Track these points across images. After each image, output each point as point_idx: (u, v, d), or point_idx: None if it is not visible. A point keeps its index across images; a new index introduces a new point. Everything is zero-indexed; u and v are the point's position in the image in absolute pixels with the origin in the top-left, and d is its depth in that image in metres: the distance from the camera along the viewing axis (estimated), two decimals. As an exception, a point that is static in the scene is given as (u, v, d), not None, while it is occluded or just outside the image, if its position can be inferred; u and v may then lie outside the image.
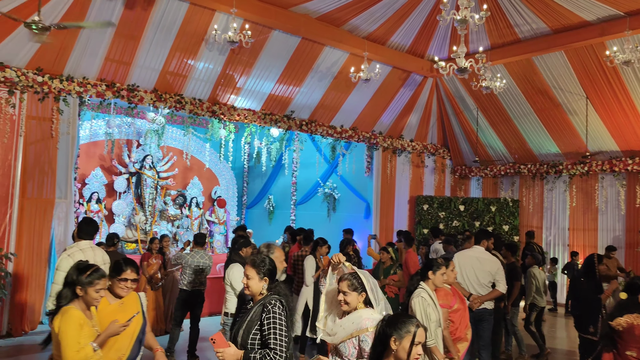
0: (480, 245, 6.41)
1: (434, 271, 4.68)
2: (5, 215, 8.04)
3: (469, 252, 6.37)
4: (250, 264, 3.43)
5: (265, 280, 3.38)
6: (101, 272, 3.50)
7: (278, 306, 3.25)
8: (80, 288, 3.38)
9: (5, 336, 7.97)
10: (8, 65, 7.99)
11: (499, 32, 10.89)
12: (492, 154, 14.31)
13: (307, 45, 10.49)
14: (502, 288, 6.20)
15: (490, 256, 6.39)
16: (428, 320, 4.37)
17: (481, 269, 6.17)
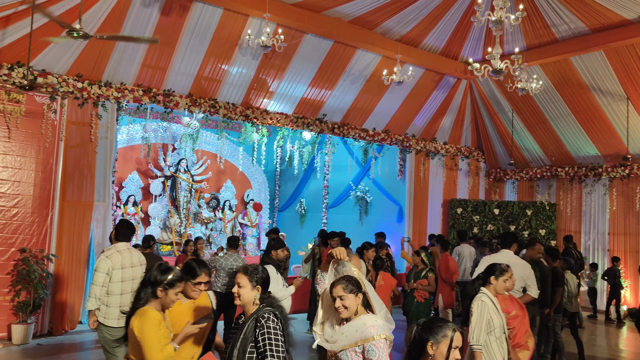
0: (509, 249, 6.23)
1: (496, 276, 4.46)
2: (46, 217, 8.29)
3: (497, 256, 6.16)
4: (242, 271, 3.23)
5: (258, 289, 3.18)
6: (181, 275, 3.54)
7: (272, 319, 3.05)
8: (161, 290, 3.42)
9: (47, 335, 8.21)
10: (50, 72, 8.25)
11: (535, 33, 10.69)
12: (527, 157, 14.04)
13: (339, 49, 10.50)
14: (533, 293, 5.98)
15: (519, 260, 6.17)
16: (488, 326, 4.19)
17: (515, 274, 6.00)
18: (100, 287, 5.23)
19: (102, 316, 5.28)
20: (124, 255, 5.41)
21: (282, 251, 5.80)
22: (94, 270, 5.35)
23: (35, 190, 8.22)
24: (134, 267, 5.51)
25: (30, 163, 8.20)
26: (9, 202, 7.99)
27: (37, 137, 8.25)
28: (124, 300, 5.39)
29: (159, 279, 3.43)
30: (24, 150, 8.14)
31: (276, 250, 5.80)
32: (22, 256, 7.89)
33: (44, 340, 7.94)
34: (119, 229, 5.59)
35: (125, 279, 5.39)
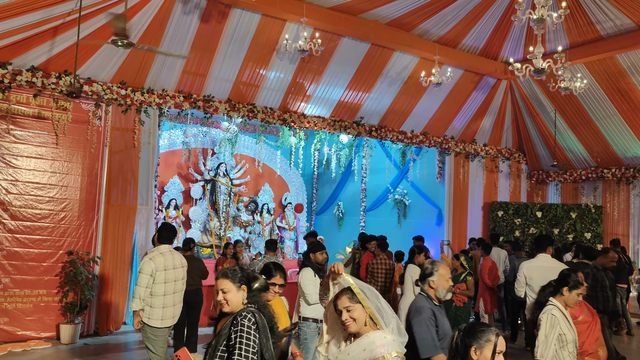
0: (545, 253, 6.05)
1: (570, 288, 4.12)
2: (92, 221, 8.56)
3: (534, 262, 6.01)
4: (222, 276, 3.07)
5: (244, 288, 3.05)
6: (266, 284, 3.63)
7: (249, 318, 2.88)
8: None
9: (93, 335, 8.47)
10: (95, 80, 8.52)
11: (578, 30, 10.40)
12: (571, 158, 13.66)
13: (376, 51, 10.48)
14: None
15: (557, 263, 5.98)
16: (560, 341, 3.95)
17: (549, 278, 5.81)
18: (144, 288, 5.38)
19: (146, 317, 5.42)
20: (166, 257, 5.56)
21: (320, 254, 5.73)
22: (138, 272, 5.50)
23: (82, 194, 8.49)
24: (176, 269, 5.65)
25: (77, 168, 8.48)
26: (57, 206, 8.28)
27: (83, 143, 8.53)
28: (167, 301, 5.52)
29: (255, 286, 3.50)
30: (70, 155, 8.43)
31: (315, 253, 5.74)
32: (69, 258, 8.16)
33: (91, 340, 8.19)
34: (161, 231, 5.74)
35: (168, 280, 5.53)
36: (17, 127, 8.04)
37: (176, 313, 5.65)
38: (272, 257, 7.57)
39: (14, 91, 7.93)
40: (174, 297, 5.61)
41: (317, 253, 5.72)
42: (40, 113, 8.16)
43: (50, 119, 8.24)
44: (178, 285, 5.69)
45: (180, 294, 5.74)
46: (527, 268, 5.96)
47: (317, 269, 5.65)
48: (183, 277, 5.79)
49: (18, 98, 8.00)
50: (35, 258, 8.02)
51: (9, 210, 7.91)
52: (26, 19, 7.04)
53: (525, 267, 5.98)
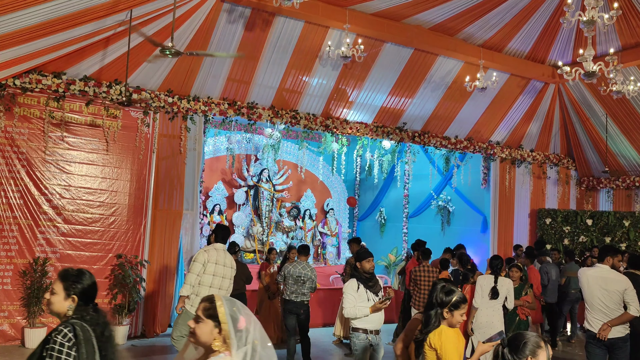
0: (604, 263, 5.81)
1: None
2: (140, 225, 8.79)
3: (591, 271, 5.79)
4: (59, 276, 2.80)
5: (74, 299, 2.74)
6: (464, 296, 3.74)
7: (64, 334, 2.56)
8: (447, 311, 3.66)
9: (140, 336, 8.68)
10: (143, 89, 8.78)
11: (631, 32, 10.01)
12: (624, 164, 13.13)
13: (419, 56, 10.39)
14: (632, 311, 5.44)
15: (617, 274, 5.71)
16: None
17: (608, 289, 5.53)
18: (195, 275, 5.80)
19: (189, 304, 5.78)
20: (219, 254, 5.93)
21: (367, 262, 5.37)
22: (192, 260, 5.90)
23: (130, 199, 8.75)
24: (226, 266, 5.96)
25: (126, 174, 8.74)
26: (107, 211, 8.55)
27: (132, 150, 8.79)
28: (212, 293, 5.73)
29: (444, 301, 3.66)
30: (120, 162, 8.70)
31: (361, 261, 5.38)
32: (118, 262, 8.41)
33: (138, 342, 8.39)
34: (217, 231, 6.15)
35: (216, 273, 5.83)
36: (70, 135, 8.36)
37: None
38: (303, 261, 7.47)
39: (67, 100, 8.26)
40: (219, 293, 5.77)
41: (364, 261, 5.37)
42: (92, 121, 8.47)
43: (101, 127, 8.53)
44: (225, 282, 5.90)
45: (224, 293, 5.89)
46: (582, 275, 5.80)
47: (365, 279, 5.32)
48: (231, 278, 6.02)
49: (71, 106, 8.33)
50: (86, 261, 8.29)
51: (63, 214, 8.22)
52: (79, 30, 7.31)
53: (581, 274, 5.84)
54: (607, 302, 5.51)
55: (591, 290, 5.61)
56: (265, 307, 8.88)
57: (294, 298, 7.24)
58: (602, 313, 5.51)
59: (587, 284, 5.65)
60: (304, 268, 7.37)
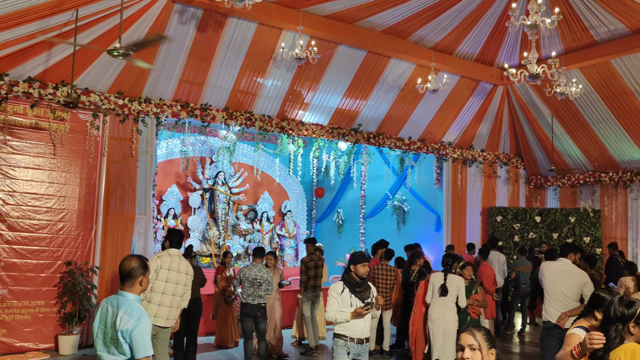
0: (567, 258, 6.07)
1: None
2: (91, 230, 8.53)
3: (556, 264, 6.06)
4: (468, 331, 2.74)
5: (492, 352, 2.70)
6: None
7: None
8: (633, 325, 3.19)
9: (92, 345, 8.39)
10: (92, 91, 8.52)
11: (572, 36, 10.41)
12: (569, 163, 13.63)
13: (373, 59, 10.49)
14: None
15: (578, 269, 6.09)
16: None
17: (570, 282, 5.85)
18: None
19: None
20: (173, 259, 5.76)
21: (362, 266, 4.98)
22: None
23: (80, 204, 8.47)
24: (180, 272, 5.79)
25: (75, 178, 8.46)
26: (55, 217, 8.26)
27: (81, 153, 8.52)
28: (165, 300, 5.65)
29: (627, 314, 3.20)
30: (68, 166, 8.41)
31: (355, 265, 5.00)
32: (67, 269, 8.12)
33: (89, 351, 8.13)
34: (171, 237, 5.97)
35: (170, 280, 5.66)
36: (14, 138, 8.03)
37: (170, 316, 5.69)
38: (258, 264, 7.36)
39: (10, 102, 7.93)
40: (172, 299, 5.67)
41: (359, 265, 4.98)
42: (37, 124, 8.15)
43: (47, 130, 8.23)
44: (179, 289, 5.75)
45: (178, 300, 5.78)
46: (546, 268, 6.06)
47: (354, 283, 4.99)
48: (186, 284, 5.86)
49: (15, 109, 7.99)
50: (33, 269, 7.98)
51: (7, 221, 7.89)
52: (23, 30, 7.05)
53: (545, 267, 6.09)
54: (568, 294, 5.80)
55: (554, 282, 5.85)
56: (221, 311, 8.78)
57: (250, 301, 7.15)
58: (562, 304, 5.78)
59: (551, 276, 5.88)
60: (259, 270, 7.27)
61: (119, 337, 3.15)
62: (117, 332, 3.16)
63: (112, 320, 3.22)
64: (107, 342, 3.26)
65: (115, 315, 3.20)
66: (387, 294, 8.33)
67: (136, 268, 3.36)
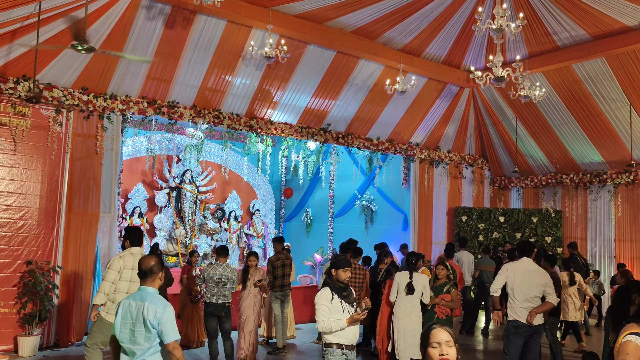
0: (529, 258, 6.20)
1: None
2: (52, 229, 8.31)
3: (518, 263, 6.18)
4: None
5: None
6: None
7: None
8: None
9: (53, 347, 8.19)
10: (55, 86, 8.31)
11: (536, 40, 10.68)
12: (532, 164, 13.98)
13: (342, 59, 10.54)
14: (553, 299, 5.98)
15: (539, 268, 6.24)
16: None
17: (532, 281, 5.99)
18: (110, 283, 5.52)
19: (104, 310, 5.56)
20: (136, 258, 5.63)
21: (343, 272, 4.78)
22: (107, 267, 5.61)
23: (42, 202, 8.25)
24: None
25: (37, 175, 8.23)
26: (15, 215, 8.02)
27: (43, 150, 8.30)
28: None
29: None
30: (30, 162, 8.18)
31: (337, 270, 4.78)
32: (28, 268, 7.89)
33: (51, 352, 7.93)
34: (131, 237, 5.83)
35: (134, 279, 5.62)
36: (-28, 134, 7.77)
37: None
38: (222, 263, 7.27)
39: (-31, 96, 7.67)
40: None
41: (340, 270, 4.78)
42: (-3, 119, 7.90)
43: (7, 125, 7.98)
44: None
45: None
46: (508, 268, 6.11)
47: (339, 288, 4.78)
48: None
49: (-26, 103, 7.73)
50: (-9, 268, 7.73)
51: (-36, 219, 7.62)
52: (-18, 22, 6.83)
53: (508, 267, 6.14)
54: (534, 292, 5.94)
55: (520, 281, 5.94)
56: (188, 311, 8.67)
57: (214, 300, 7.07)
58: (528, 302, 5.89)
59: (515, 276, 5.98)
60: (223, 270, 7.18)
61: (148, 326, 3.50)
62: (146, 322, 3.50)
63: (137, 312, 3.55)
64: (134, 335, 3.56)
65: (141, 307, 3.53)
66: (357, 293, 8.37)
67: (155, 265, 3.72)
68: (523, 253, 6.24)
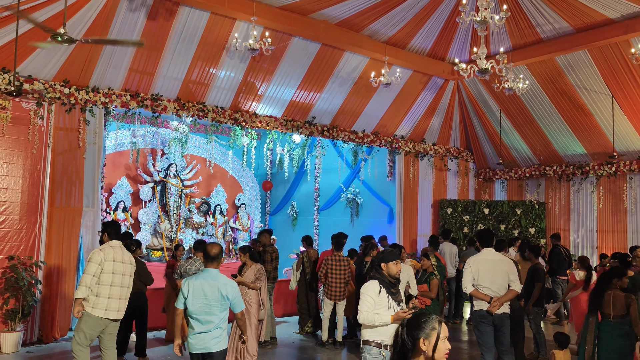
0: (489, 247, 6.14)
1: None
2: (35, 224, 8.23)
3: (481, 256, 6.16)
4: None
5: None
6: None
7: None
8: None
9: (37, 343, 8.13)
10: (36, 78, 8.20)
11: (520, 33, 10.77)
12: (516, 156, 14.13)
13: (327, 51, 10.53)
14: (517, 287, 5.93)
15: (501, 256, 6.19)
16: None
17: (496, 270, 5.95)
18: (91, 276, 5.46)
19: (89, 306, 5.52)
20: (116, 251, 5.68)
21: (394, 264, 4.51)
22: (87, 260, 5.57)
23: (23, 197, 8.15)
24: (125, 263, 5.77)
25: (18, 170, 8.13)
26: (-4, 210, 7.92)
27: (24, 144, 8.19)
28: (114, 292, 5.59)
29: None
30: (10, 156, 8.08)
31: (387, 263, 4.51)
32: (10, 264, 7.81)
33: (34, 348, 7.87)
34: (108, 230, 5.84)
35: (116, 272, 5.60)
36: (-49, 127, 7.64)
37: (121, 308, 5.65)
38: (199, 258, 7.15)
39: (-53, 89, 7.53)
40: (120, 291, 5.61)
41: (391, 263, 4.51)
42: (-24, 112, 7.78)
43: (-13, 119, 7.87)
44: (125, 280, 5.68)
45: (127, 291, 5.72)
46: (473, 261, 6.08)
47: (388, 283, 4.49)
48: (131, 274, 5.81)
49: (-48, 96, 7.61)
50: (-28, 264, 7.64)
51: (-57, 214, 7.51)
52: (-40, 13, 6.71)
53: (472, 260, 6.10)
54: (499, 282, 5.92)
55: (483, 272, 5.96)
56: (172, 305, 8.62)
57: None
58: (494, 293, 5.89)
59: (478, 268, 5.99)
60: (200, 265, 7.07)
61: (225, 300, 4.57)
62: (224, 296, 4.55)
63: (212, 289, 4.53)
64: (210, 308, 4.54)
65: (216, 285, 4.54)
66: (342, 285, 8.42)
67: (221, 251, 4.73)
68: (484, 243, 6.16)
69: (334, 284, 8.36)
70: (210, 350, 4.57)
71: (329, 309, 8.45)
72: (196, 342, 4.58)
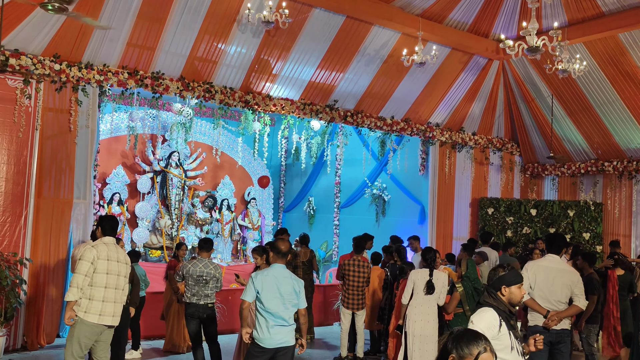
0: (556, 254, 6.09)
1: None
2: (20, 216, 8.37)
3: (542, 262, 6.12)
4: None
5: None
6: None
7: None
8: None
9: (20, 350, 8.30)
10: (23, 52, 8.32)
11: (577, 6, 10.60)
12: (570, 149, 13.94)
13: (352, 25, 10.49)
14: (581, 303, 5.84)
15: (567, 266, 6.18)
16: None
17: (558, 281, 5.87)
18: (83, 276, 5.47)
19: (82, 310, 5.50)
20: (110, 248, 5.70)
21: (518, 288, 3.96)
22: (78, 258, 5.58)
23: (7, 185, 8.30)
24: (120, 262, 5.78)
25: (2, 155, 8.28)
26: (-23, 200, 8.09)
27: (9, 126, 8.33)
28: (108, 295, 5.61)
29: None
30: (-6, 140, 8.24)
31: (509, 286, 3.92)
32: (-8, 260, 7.98)
33: (17, 356, 8.03)
34: (103, 224, 5.86)
35: (110, 272, 5.63)
36: None
37: (116, 313, 5.69)
38: (205, 259, 7.23)
39: None
40: (115, 293, 5.65)
41: (514, 287, 3.93)
42: (-43, 90, 7.94)
43: (-31, 97, 8.02)
44: (121, 281, 5.73)
45: (122, 294, 5.78)
46: (531, 267, 5.99)
47: (508, 314, 3.87)
48: (126, 275, 5.86)
49: None
50: (-49, 260, 7.81)
51: None
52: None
53: (530, 266, 6.01)
54: (557, 295, 5.82)
55: (541, 282, 5.86)
56: (173, 312, 8.72)
57: (195, 301, 7.03)
58: (550, 306, 5.80)
59: (536, 276, 5.89)
60: (205, 266, 7.13)
61: (297, 295, 5.30)
62: (296, 292, 5.29)
63: (286, 285, 5.25)
64: (285, 303, 5.23)
65: (289, 281, 5.28)
66: (360, 292, 8.41)
67: (288, 250, 5.36)
68: (551, 249, 6.07)
69: (351, 290, 8.37)
70: (290, 344, 5.28)
71: (348, 319, 8.46)
72: (272, 337, 5.18)
